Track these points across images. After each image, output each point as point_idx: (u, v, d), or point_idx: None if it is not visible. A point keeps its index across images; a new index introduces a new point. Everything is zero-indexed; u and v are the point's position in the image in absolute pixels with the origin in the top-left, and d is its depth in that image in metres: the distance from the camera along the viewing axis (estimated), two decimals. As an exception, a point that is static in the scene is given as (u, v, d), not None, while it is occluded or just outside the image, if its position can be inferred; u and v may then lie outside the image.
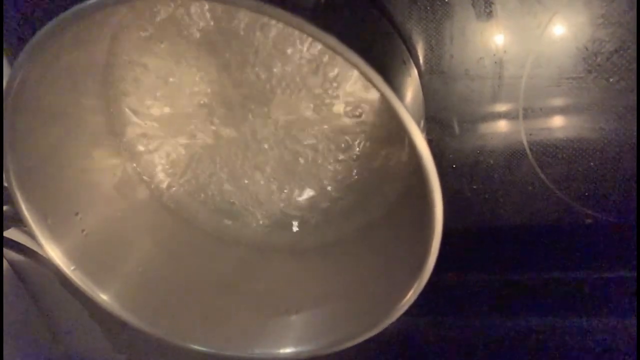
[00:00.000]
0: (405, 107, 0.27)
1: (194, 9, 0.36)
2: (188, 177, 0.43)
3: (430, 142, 0.43)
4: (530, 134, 0.41)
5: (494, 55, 0.39)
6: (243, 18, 0.36)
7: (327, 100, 0.39)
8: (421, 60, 0.39)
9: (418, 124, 0.29)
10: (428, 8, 0.38)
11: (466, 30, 0.38)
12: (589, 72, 0.38)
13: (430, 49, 0.39)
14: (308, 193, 0.42)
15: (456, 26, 0.38)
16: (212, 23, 0.36)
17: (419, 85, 0.37)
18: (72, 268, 0.35)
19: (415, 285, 0.32)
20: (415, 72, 0.37)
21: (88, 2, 0.25)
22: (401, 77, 0.33)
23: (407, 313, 0.33)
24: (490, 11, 0.38)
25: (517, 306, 0.47)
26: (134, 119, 0.40)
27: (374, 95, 0.37)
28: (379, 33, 0.35)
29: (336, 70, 0.37)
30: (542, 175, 0.43)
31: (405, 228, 0.36)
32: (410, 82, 0.34)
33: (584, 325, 0.46)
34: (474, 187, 0.44)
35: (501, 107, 0.41)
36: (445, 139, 0.43)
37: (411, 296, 0.32)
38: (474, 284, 0.47)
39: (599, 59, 0.38)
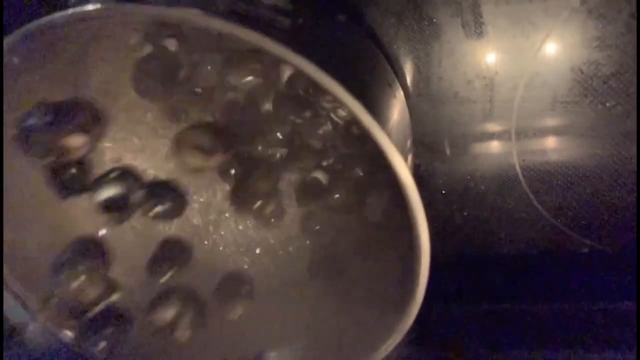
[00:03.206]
0: (388, 134, 0.25)
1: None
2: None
3: (418, 167, 0.41)
4: (523, 160, 0.40)
5: (485, 77, 0.37)
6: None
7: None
8: (409, 83, 0.38)
9: (403, 150, 0.27)
10: (415, 28, 0.36)
11: (455, 52, 0.37)
12: (585, 96, 0.37)
13: (418, 70, 0.37)
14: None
15: (445, 47, 0.37)
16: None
17: (406, 109, 0.36)
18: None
19: (401, 326, 0.30)
20: (401, 94, 0.35)
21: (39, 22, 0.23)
22: (386, 101, 0.31)
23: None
24: (481, 32, 0.36)
25: (509, 338, 0.45)
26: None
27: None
28: (363, 55, 0.34)
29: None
30: (536, 203, 0.41)
31: (390, 260, 0.33)
32: (396, 107, 0.33)
33: (580, 359, 0.44)
34: (465, 213, 0.42)
35: (492, 132, 0.39)
36: (435, 164, 0.41)
37: (396, 337, 0.30)
38: (464, 314, 0.45)
39: (594, 83, 0.36)
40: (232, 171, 0.36)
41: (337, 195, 0.35)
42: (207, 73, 0.33)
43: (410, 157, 0.33)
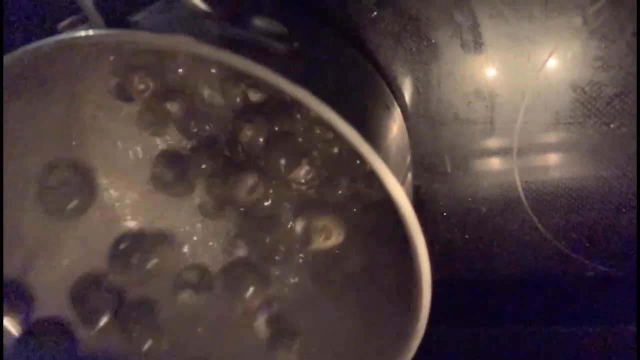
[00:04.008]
0: (385, 158, 0.24)
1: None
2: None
3: (418, 189, 0.41)
4: (526, 181, 0.39)
5: (485, 98, 0.36)
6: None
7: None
8: (407, 104, 0.37)
9: (401, 173, 0.27)
10: (414, 49, 0.35)
11: (455, 73, 0.36)
12: (588, 117, 0.36)
13: (417, 92, 0.37)
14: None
15: (444, 68, 0.36)
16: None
17: (405, 131, 0.35)
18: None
19: (405, 352, 0.28)
20: (400, 117, 0.35)
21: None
22: (384, 124, 0.31)
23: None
24: (481, 52, 0.35)
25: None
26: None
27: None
28: (361, 77, 0.33)
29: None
30: (539, 225, 0.40)
31: (390, 285, 0.32)
32: (394, 129, 0.32)
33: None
34: (466, 236, 0.41)
35: (494, 153, 0.38)
36: (435, 186, 0.40)
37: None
38: (466, 338, 0.44)
39: (598, 104, 0.35)
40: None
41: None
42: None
43: (409, 179, 0.32)
